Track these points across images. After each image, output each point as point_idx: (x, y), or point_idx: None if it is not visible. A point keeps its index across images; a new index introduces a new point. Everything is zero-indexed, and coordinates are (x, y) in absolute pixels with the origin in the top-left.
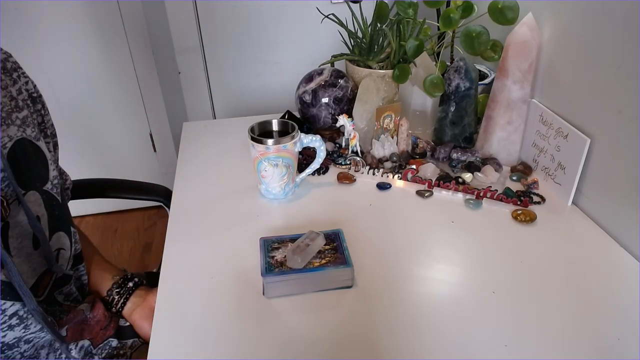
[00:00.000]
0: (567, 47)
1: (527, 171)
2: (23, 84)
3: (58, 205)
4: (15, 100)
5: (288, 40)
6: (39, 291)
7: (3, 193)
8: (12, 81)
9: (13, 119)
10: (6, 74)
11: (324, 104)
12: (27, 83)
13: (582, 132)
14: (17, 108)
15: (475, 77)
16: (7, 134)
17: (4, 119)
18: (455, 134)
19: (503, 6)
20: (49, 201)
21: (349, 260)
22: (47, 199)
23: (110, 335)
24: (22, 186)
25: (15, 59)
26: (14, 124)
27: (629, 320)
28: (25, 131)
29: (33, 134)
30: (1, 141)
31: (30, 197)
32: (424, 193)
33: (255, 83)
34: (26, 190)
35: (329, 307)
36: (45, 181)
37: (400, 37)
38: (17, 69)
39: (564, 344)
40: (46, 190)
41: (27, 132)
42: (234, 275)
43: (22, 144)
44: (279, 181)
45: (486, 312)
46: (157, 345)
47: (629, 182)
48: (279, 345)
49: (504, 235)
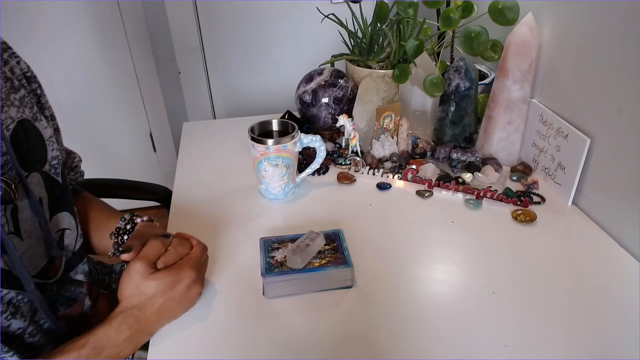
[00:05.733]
0: (567, 47)
1: (527, 171)
2: (15, 64)
3: (58, 186)
4: (10, 80)
5: (288, 40)
6: (50, 272)
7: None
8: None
9: (12, 100)
10: None
11: (324, 104)
12: (19, 63)
13: (582, 132)
14: (14, 89)
15: (475, 77)
16: (9, 115)
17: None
18: (455, 134)
19: (503, 6)
20: (48, 182)
21: (349, 260)
22: (47, 180)
23: None
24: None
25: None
26: (13, 105)
27: (629, 320)
28: (24, 112)
29: (31, 114)
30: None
31: (33, 179)
32: (424, 193)
33: (255, 83)
34: (29, 172)
35: (329, 307)
36: (44, 162)
37: (400, 37)
38: (6, 49)
39: (564, 343)
40: (45, 172)
41: (25, 112)
42: (234, 275)
43: (23, 125)
44: (279, 181)
45: (486, 312)
46: (157, 345)
47: (629, 182)
48: (279, 345)
49: (504, 235)
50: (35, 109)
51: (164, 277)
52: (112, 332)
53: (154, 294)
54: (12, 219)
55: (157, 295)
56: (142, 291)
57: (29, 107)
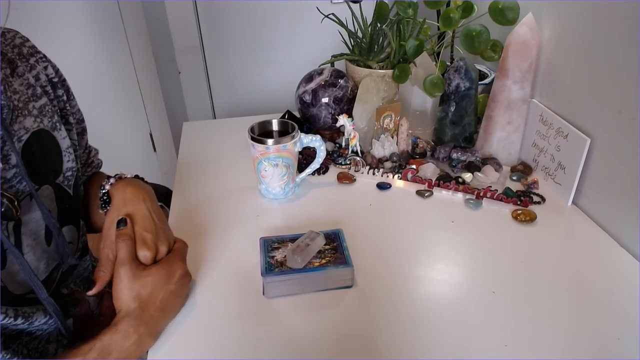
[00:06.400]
0: (567, 47)
1: (527, 171)
2: (42, 69)
3: (68, 199)
4: (32, 87)
5: (288, 40)
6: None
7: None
8: (29, 67)
9: (30, 109)
10: (22, 59)
11: (324, 104)
12: (46, 68)
13: (582, 132)
14: (35, 97)
15: (475, 77)
16: (24, 126)
17: (20, 109)
18: (455, 134)
19: (504, 6)
20: (60, 195)
21: (349, 260)
22: (59, 192)
23: None
24: (36, 181)
25: (33, 43)
26: (30, 114)
27: (629, 320)
28: (42, 121)
29: (50, 123)
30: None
31: (44, 192)
32: (424, 193)
33: (255, 83)
34: (40, 185)
35: (329, 307)
36: (58, 174)
37: (400, 37)
38: (34, 53)
39: (564, 343)
40: (58, 184)
41: (44, 122)
42: (234, 275)
43: (38, 135)
44: (279, 181)
45: (486, 312)
46: (157, 346)
47: (629, 182)
48: (279, 345)
49: (504, 235)
50: (56, 117)
51: (158, 271)
52: (118, 336)
53: (152, 289)
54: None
55: (156, 290)
56: (139, 291)
57: (49, 116)
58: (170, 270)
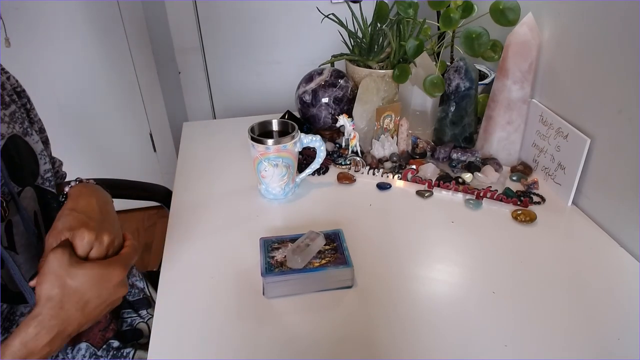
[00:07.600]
0: (567, 47)
1: (527, 171)
2: (5, 80)
3: (54, 197)
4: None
5: (288, 40)
6: None
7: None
8: None
9: (1, 116)
10: None
11: (324, 104)
12: (9, 78)
13: (582, 132)
14: (4, 104)
15: (475, 77)
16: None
17: None
18: (455, 134)
19: (504, 7)
20: (42, 196)
21: (349, 260)
22: (40, 193)
23: (110, 338)
24: (18, 183)
25: None
26: (2, 121)
27: (629, 320)
28: (14, 127)
29: (21, 129)
30: None
31: (26, 194)
32: (424, 193)
33: (255, 83)
34: (22, 187)
35: (329, 307)
36: (37, 176)
37: (400, 37)
38: None
39: (564, 343)
40: (37, 185)
41: (16, 128)
42: (234, 275)
43: (13, 140)
44: (279, 181)
45: (486, 312)
46: (157, 346)
47: (629, 182)
48: (279, 345)
49: (504, 235)
50: (26, 123)
51: (93, 268)
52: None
53: (80, 286)
54: (6, 233)
55: (83, 287)
56: (65, 282)
57: (20, 123)
58: (107, 273)
